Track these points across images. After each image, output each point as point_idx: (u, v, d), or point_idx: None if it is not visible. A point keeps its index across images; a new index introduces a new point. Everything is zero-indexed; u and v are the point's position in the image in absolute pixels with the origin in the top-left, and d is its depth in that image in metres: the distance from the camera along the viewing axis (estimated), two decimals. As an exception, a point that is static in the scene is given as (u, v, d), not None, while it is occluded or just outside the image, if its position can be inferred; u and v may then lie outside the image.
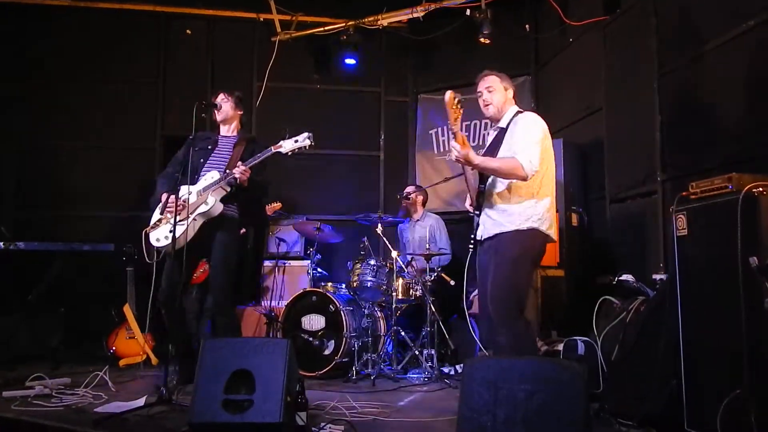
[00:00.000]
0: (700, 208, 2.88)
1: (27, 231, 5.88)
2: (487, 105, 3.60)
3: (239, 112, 4.37)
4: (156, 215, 4.12)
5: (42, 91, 6.56)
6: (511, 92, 3.61)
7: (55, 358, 5.07)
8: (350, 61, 6.79)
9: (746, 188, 2.58)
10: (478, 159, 3.28)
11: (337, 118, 7.02)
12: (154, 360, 5.25)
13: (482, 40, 5.89)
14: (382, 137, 7.13)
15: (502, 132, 3.51)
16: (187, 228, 3.87)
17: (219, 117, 4.31)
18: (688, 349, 2.90)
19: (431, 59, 7.08)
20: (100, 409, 3.45)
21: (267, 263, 6.21)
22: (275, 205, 6.00)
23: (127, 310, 5.42)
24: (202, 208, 3.90)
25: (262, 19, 6.90)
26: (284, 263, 6.13)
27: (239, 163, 3.95)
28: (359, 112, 7.15)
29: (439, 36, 6.66)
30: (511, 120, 3.51)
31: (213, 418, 2.79)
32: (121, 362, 5.23)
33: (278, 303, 5.84)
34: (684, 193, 2.98)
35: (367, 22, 6.58)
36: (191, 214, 3.85)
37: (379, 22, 6.57)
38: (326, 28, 6.74)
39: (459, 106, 3.34)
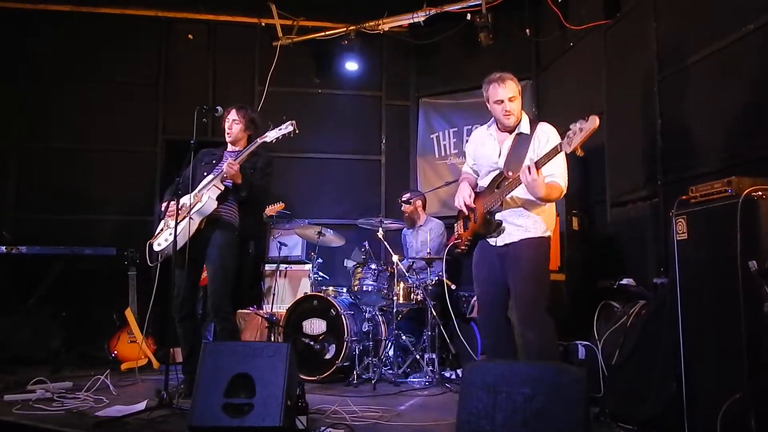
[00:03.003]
0: (700, 212, 2.88)
1: (28, 234, 5.89)
2: (509, 115, 3.41)
3: (248, 133, 4.33)
4: (160, 225, 4.17)
5: (44, 95, 6.58)
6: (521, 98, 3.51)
7: (56, 362, 5.09)
8: (351, 65, 6.82)
9: (746, 192, 2.58)
10: (544, 192, 3.18)
11: (338, 122, 7.04)
12: (155, 364, 5.26)
13: (483, 44, 5.91)
14: (384, 141, 7.14)
15: (527, 139, 3.40)
16: (185, 227, 3.88)
17: (228, 138, 4.30)
18: (689, 353, 2.90)
19: (432, 63, 7.10)
20: (101, 413, 3.47)
21: (268, 267, 6.21)
22: (278, 205, 6.00)
23: (129, 314, 5.42)
24: (197, 206, 3.93)
25: (263, 24, 6.93)
26: (285, 267, 6.14)
27: (229, 158, 4.00)
28: (360, 117, 7.17)
29: (440, 40, 6.68)
30: (532, 127, 3.41)
31: (213, 421, 2.80)
32: (123, 366, 5.23)
33: (279, 307, 5.84)
34: (684, 197, 2.98)
35: (368, 27, 6.60)
36: (188, 213, 3.90)
37: (380, 27, 6.59)
38: (327, 32, 6.76)
39: None
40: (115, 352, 5.34)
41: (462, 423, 2.44)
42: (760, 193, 2.56)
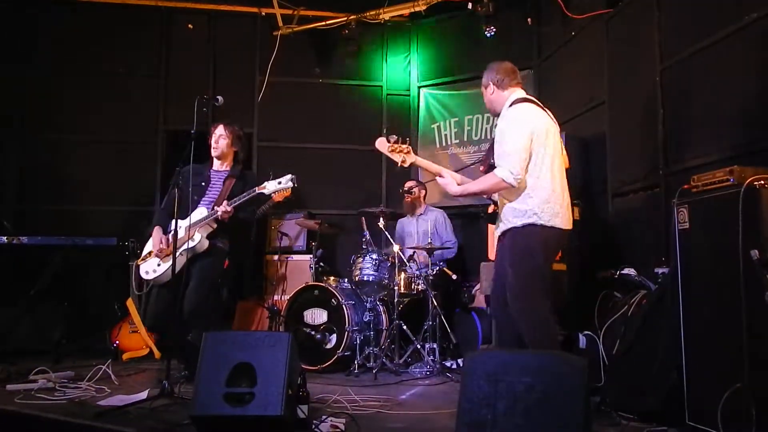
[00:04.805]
0: (701, 202, 2.88)
1: (29, 225, 5.89)
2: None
3: (234, 149, 4.44)
4: (147, 247, 4.30)
5: (44, 85, 6.55)
6: (491, 88, 3.47)
7: (57, 352, 5.09)
8: (352, 55, 6.79)
9: (748, 181, 2.58)
10: (457, 189, 3.36)
11: (338, 112, 7.02)
12: (156, 354, 5.27)
13: (484, 33, 5.89)
14: (385, 132, 7.11)
15: None
16: (174, 262, 3.92)
17: (214, 153, 4.39)
18: (689, 343, 2.90)
19: (433, 53, 7.06)
20: (103, 402, 3.48)
21: (269, 257, 6.22)
22: (285, 191, 5.98)
23: (130, 304, 5.43)
24: (189, 244, 4.08)
25: (263, 14, 6.88)
26: (287, 257, 6.14)
27: (225, 202, 4.11)
28: (361, 107, 7.14)
29: (442, 29, 6.64)
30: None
31: (215, 410, 2.80)
32: (124, 356, 5.25)
33: (280, 297, 5.86)
34: (686, 187, 2.98)
35: (368, 16, 6.57)
36: (178, 248, 3.99)
37: (380, 16, 6.56)
38: (328, 22, 6.73)
39: (398, 145, 3.43)
40: (117, 342, 5.35)
41: (463, 412, 2.44)
42: (762, 182, 2.56)
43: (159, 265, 4.12)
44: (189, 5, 6.85)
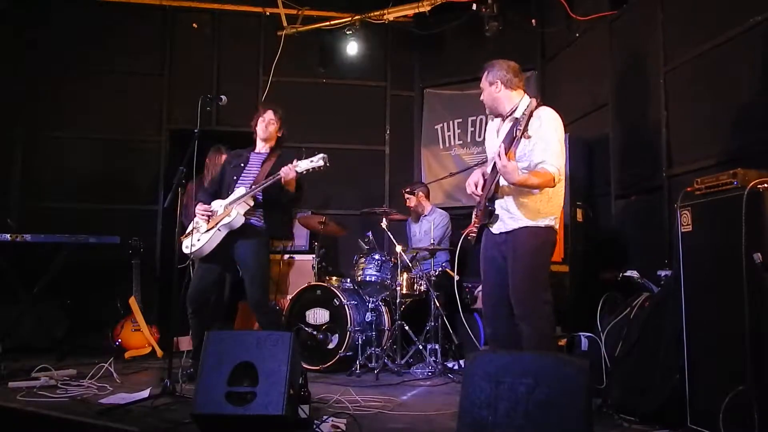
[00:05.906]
0: (705, 204, 2.87)
1: (32, 223, 5.89)
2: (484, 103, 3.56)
3: (279, 134, 4.53)
4: (192, 225, 4.38)
5: (49, 83, 6.55)
6: (498, 86, 3.39)
7: (60, 350, 5.11)
8: (356, 55, 6.79)
9: (751, 184, 2.58)
10: (520, 178, 3.16)
11: (342, 112, 7.02)
12: (159, 352, 5.28)
13: (488, 34, 5.88)
14: (388, 132, 7.12)
15: (520, 123, 3.28)
16: (212, 237, 4.15)
17: (262, 135, 4.45)
18: (692, 345, 2.90)
19: (437, 54, 7.05)
20: (105, 401, 3.49)
21: (271, 257, 6.21)
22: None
23: (133, 302, 5.44)
24: (225, 220, 4.14)
25: (268, 13, 6.89)
26: (289, 257, 6.14)
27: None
28: (365, 107, 7.13)
29: (446, 30, 6.64)
30: (530, 112, 3.24)
31: (216, 409, 2.80)
32: (127, 354, 5.26)
33: (283, 297, 5.85)
34: (689, 189, 2.97)
35: (373, 17, 6.57)
36: (216, 224, 4.14)
37: (385, 17, 6.56)
38: (332, 22, 6.73)
39: None
40: (119, 340, 5.36)
41: (464, 412, 2.44)
42: (765, 185, 2.55)
43: (198, 240, 4.17)
44: (194, 4, 6.86)
